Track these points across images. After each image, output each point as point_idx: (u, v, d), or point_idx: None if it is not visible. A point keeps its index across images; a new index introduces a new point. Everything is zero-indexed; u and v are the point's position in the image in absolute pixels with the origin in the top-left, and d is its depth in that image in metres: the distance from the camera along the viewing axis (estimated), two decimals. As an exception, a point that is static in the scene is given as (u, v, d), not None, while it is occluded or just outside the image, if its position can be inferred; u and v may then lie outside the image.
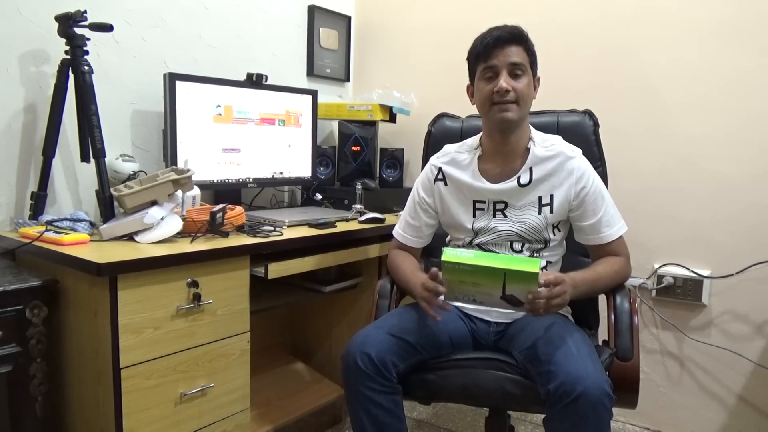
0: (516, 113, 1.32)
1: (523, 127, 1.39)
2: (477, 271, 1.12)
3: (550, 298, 1.16)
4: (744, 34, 1.79)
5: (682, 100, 1.90)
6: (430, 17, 2.39)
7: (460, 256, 1.13)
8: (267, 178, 2.02)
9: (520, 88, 1.31)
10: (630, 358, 1.29)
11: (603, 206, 1.38)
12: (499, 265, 1.10)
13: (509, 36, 1.31)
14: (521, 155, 1.39)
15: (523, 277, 1.11)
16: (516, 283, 1.13)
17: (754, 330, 1.85)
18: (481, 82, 1.35)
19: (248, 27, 2.15)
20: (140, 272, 1.25)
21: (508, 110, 1.31)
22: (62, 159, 1.65)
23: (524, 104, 1.33)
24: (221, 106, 1.84)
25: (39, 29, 1.57)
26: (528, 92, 1.33)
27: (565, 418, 1.10)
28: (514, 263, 1.11)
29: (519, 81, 1.31)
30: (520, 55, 1.31)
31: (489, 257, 1.14)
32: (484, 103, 1.35)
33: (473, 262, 1.11)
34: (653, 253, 1.98)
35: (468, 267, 1.12)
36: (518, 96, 1.31)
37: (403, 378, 1.29)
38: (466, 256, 1.12)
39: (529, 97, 1.34)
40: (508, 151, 1.39)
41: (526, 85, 1.32)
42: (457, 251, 1.14)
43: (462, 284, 1.17)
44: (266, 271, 1.52)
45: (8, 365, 1.24)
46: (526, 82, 1.32)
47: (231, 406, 1.49)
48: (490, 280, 1.13)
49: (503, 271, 1.11)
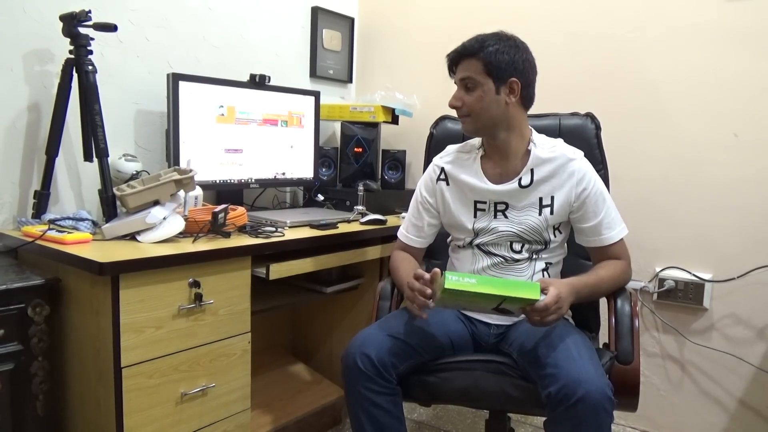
0: (470, 124, 1.38)
1: (511, 128, 1.37)
2: (477, 296, 1.12)
3: (546, 315, 1.16)
4: (746, 38, 1.79)
5: (683, 104, 1.90)
6: (433, 19, 2.40)
7: (463, 282, 1.11)
8: (269, 179, 2.02)
9: (470, 101, 1.34)
10: (631, 362, 1.29)
11: (604, 208, 1.38)
12: (500, 292, 1.11)
13: (462, 50, 1.35)
14: (522, 157, 1.39)
15: (522, 302, 1.13)
16: (513, 303, 1.15)
17: (756, 334, 1.85)
18: None
19: (251, 28, 2.16)
20: (142, 272, 1.25)
21: (463, 122, 1.39)
22: (65, 158, 1.66)
23: (476, 114, 1.35)
24: (224, 106, 1.85)
25: (43, 29, 1.58)
26: (478, 104, 1.34)
27: (565, 421, 1.10)
28: (514, 289, 1.12)
29: (470, 94, 1.35)
30: (471, 68, 1.33)
31: (491, 282, 1.13)
32: None
33: (475, 289, 1.11)
34: (654, 256, 1.98)
35: (469, 294, 1.12)
36: (470, 109, 1.35)
37: (403, 379, 1.29)
38: (468, 283, 1.11)
39: (483, 108, 1.34)
40: (506, 151, 1.39)
41: (476, 97, 1.33)
42: (459, 278, 1.12)
43: (459, 301, 1.18)
44: (268, 272, 1.53)
45: (10, 363, 1.24)
46: (478, 95, 1.33)
47: (231, 406, 1.49)
48: (488, 301, 1.15)
49: (502, 297, 1.12)
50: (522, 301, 1.13)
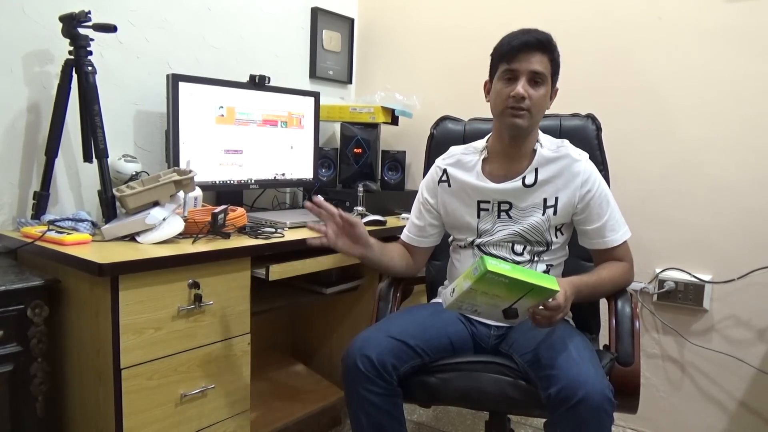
0: (527, 121, 1.31)
1: (533, 133, 1.39)
2: (510, 284, 1.08)
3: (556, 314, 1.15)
4: (746, 39, 1.79)
5: (684, 105, 1.90)
6: (433, 20, 2.40)
7: (501, 267, 1.07)
8: (269, 180, 2.02)
9: (537, 97, 1.30)
10: (631, 363, 1.29)
11: (608, 211, 1.38)
12: (530, 280, 1.08)
13: (536, 42, 1.29)
14: (528, 157, 1.39)
15: (543, 293, 1.11)
16: (531, 298, 1.12)
17: (756, 335, 1.85)
18: (499, 83, 1.34)
19: (251, 28, 2.15)
20: (142, 273, 1.25)
21: (520, 117, 1.31)
22: (65, 159, 1.66)
23: (537, 113, 1.33)
24: (224, 107, 1.84)
25: (43, 29, 1.58)
26: (543, 102, 1.33)
27: (566, 422, 1.10)
28: (540, 279, 1.10)
29: (537, 90, 1.30)
30: (543, 63, 1.30)
31: (522, 271, 1.10)
32: (498, 105, 1.34)
33: (512, 275, 1.07)
34: (655, 257, 1.98)
35: (505, 279, 1.07)
36: (533, 104, 1.30)
37: (403, 381, 1.28)
38: (505, 269, 1.07)
39: (543, 107, 1.34)
40: (514, 153, 1.39)
41: (542, 95, 1.31)
42: (498, 263, 1.08)
43: (483, 295, 1.12)
44: (267, 273, 1.52)
45: (9, 365, 1.24)
46: (544, 92, 1.31)
47: (231, 408, 1.49)
48: (512, 293, 1.11)
49: (532, 286, 1.09)
50: (544, 293, 1.10)
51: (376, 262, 1.44)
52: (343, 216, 1.34)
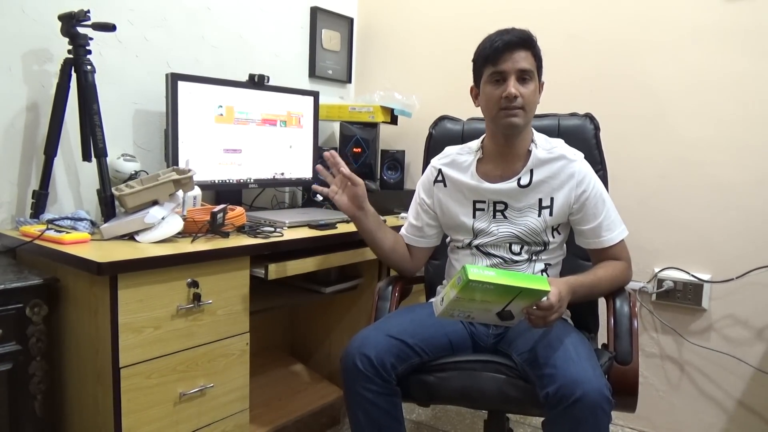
0: (522, 119, 1.32)
1: (527, 130, 1.39)
2: (496, 289, 1.09)
3: (551, 314, 1.16)
4: (745, 39, 1.79)
5: (683, 104, 1.91)
6: (432, 20, 2.40)
7: (484, 275, 1.07)
8: (268, 179, 2.02)
9: (527, 94, 1.31)
10: (629, 362, 1.29)
11: (604, 210, 1.38)
12: (517, 283, 1.09)
13: (519, 41, 1.30)
14: (523, 157, 1.39)
15: (534, 294, 1.11)
16: (523, 299, 1.13)
17: (755, 335, 1.85)
18: (488, 86, 1.34)
19: (251, 28, 2.15)
20: (140, 272, 1.25)
21: (515, 115, 1.31)
22: (64, 158, 1.66)
23: (530, 110, 1.34)
24: (223, 106, 1.85)
25: (42, 28, 1.57)
26: (534, 98, 1.34)
27: (564, 421, 1.10)
28: (528, 281, 1.10)
29: (526, 87, 1.31)
30: (528, 60, 1.31)
31: (508, 275, 1.11)
32: (491, 108, 1.34)
33: (496, 281, 1.08)
34: (653, 256, 1.98)
35: (490, 286, 1.08)
36: (525, 102, 1.31)
37: (402, 380, 1.29)
38: (489, 275, 1.08)
39: (534, 103, 1.35)
40: (510, 153, 1.39)
41: (532, 91, 1.32)
42: (481, 270, 1.08)
43: (471, 302, 1.13)
44: (266, 272, 1.52)
45: (8, 363, 1.24)
46: (533, 88, 1.32)
47: (230, 407, 1.49)
48: (502, 297, 1.12)
49: (519, 289, 1.09)
50: (534, 294, 1.11)
51: (369, 233, 1.48)
52: (344, 172, 1.44)
